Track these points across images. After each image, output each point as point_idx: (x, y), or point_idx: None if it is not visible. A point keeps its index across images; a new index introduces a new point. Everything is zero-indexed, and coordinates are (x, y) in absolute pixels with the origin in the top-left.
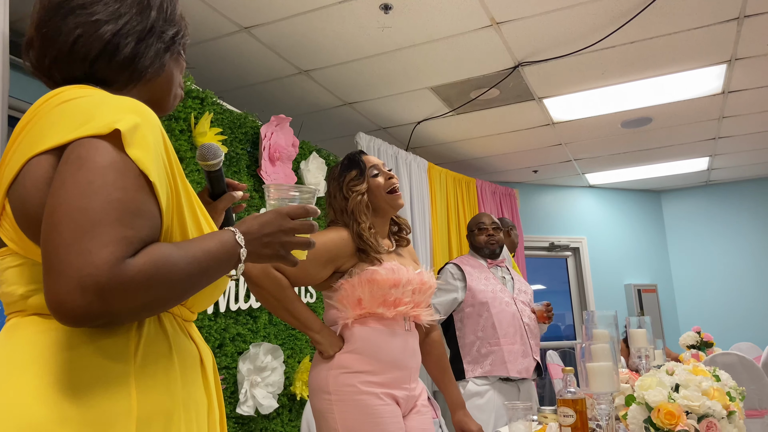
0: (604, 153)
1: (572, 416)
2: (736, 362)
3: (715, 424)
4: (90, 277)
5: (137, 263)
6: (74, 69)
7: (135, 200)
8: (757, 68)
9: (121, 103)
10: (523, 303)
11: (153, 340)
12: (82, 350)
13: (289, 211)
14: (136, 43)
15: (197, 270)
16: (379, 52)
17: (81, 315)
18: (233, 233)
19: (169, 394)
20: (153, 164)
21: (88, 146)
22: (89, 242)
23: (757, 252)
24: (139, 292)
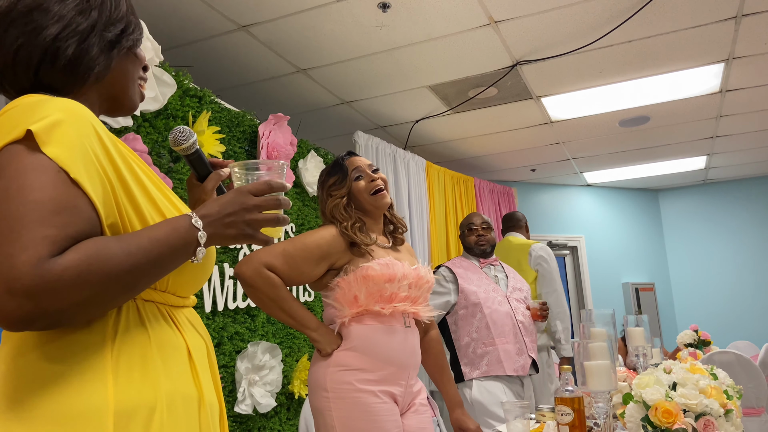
0: (601, 152)
1: (570, 414)
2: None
3: (712, 422)
4: (15, 281)
5: (64, 261)
6: (21, 79)
7: (55, 198)
8: (755, 67)
9: (49, 103)
10: (517, 301)
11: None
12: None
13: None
14: (78, 44)
15: (143, 260)
16: (377, 50)
17: (17, 319)
18: (189, 217)
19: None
20: (75, 160)
21: (7, 154)
22: (10, 247)
23: (754, 250)
24: (71, 289)
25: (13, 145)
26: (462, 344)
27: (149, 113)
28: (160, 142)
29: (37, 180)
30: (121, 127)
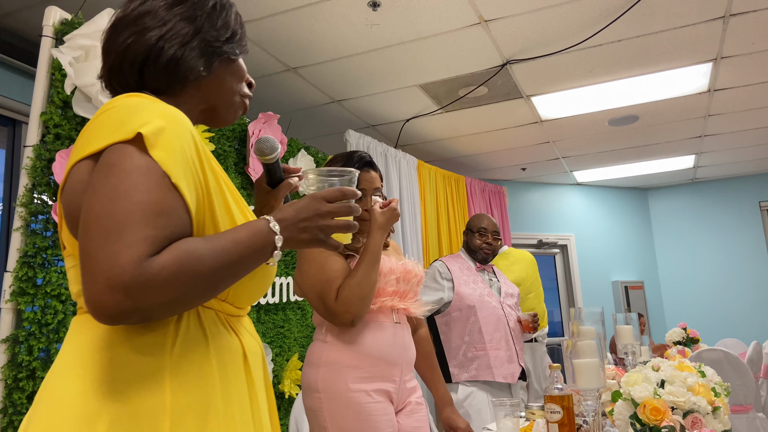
0: (591, 151)
1: (559, 412)
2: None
3: (700, 419)
4: (116, 277)
5: (161, 260)
6: (127, 77)
7: (158, 201)
8: (743, 67)
9: (153, 108)
10: (509, 307)
11: (190, 337)
12: (119, 349)
13: (325, 194)
14: (179, 46)
15: (227, 261)
16: (367, 49)
17: (113, 314)
18: (267, 221)
19: (205, 389)
20: (177, 166)
21: (116, 152)
22: (114, 244)
23: (742, 249)
24: (165, 288)
25: (122, 145)
26: (453, 346)
27: None
28: None
29: (144, 182)
30: None
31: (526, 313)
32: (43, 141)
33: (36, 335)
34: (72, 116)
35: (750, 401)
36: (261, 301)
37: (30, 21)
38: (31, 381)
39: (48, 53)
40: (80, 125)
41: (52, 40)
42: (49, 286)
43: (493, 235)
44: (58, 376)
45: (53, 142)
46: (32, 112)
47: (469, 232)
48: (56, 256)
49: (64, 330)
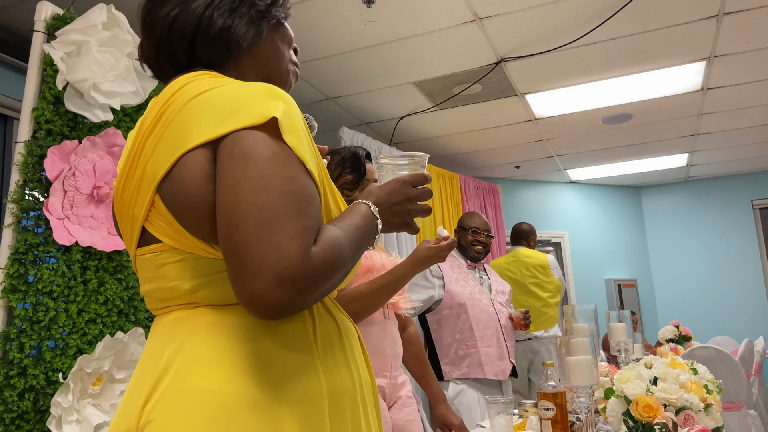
0: (585, 149)
1: (552, 410)
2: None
3: (692, 416)
4: (287, 270)
5: (320, 251)
6: (177, 53)
7: (304, 189)
8: (736, 65)
9: (261, 90)
10: (500, 305)
11: (325, 324)
12: (263, 341)
13: (411, 178)
14: (229, 13)
15: (355, 247)
16: (361, 46)
17: (281, 308)
18: (367, 205)
19: (347, 375)
20: (306, 150)
21: (248, 139)
22: (277, 236)
23: (734, 248)
24: (326, 279)
25: (251, 131)
26: (444, 344)
27: (130, 108)
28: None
29: (288, 170)
30: (101, 121)
31: (517, 310)
32: (35, 137)
33: (27, 332)
34: (64, 112)
35: (742, 398)
36: None
37: (21, 16)
38: (22, 378)
39: (40, 48)
40: (72, 121)
41: (44, 35)
42: (40, 283)
43: (485, 234)
44: (189, 358)
45: (45, 138)
46: (23, 107)
47: (461, 230)
48: (48, 252)
49: (55, 327)
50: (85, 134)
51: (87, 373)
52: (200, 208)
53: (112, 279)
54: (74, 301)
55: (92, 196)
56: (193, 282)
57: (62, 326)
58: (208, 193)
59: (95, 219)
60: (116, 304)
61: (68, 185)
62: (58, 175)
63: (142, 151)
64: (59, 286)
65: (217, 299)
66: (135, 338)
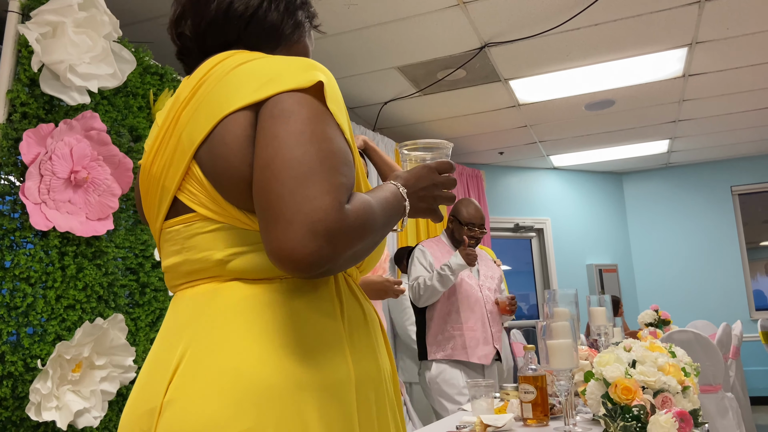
0: (568, 135)
1: (533, 392)
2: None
3: (670, 398)
4: (320, 222)
5: (354, 208)
6: (228, 32)
7: (342, 149)
8: (717, 52)
9: (304, 61)
10: (488, 290)
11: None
12: (298, 303)
13: (438, 165)
14: (285, 8)
15: (386, 218)
16: (345, 29)
17: (312, 261)
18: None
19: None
20: (345, 119)
21: (292, 99)
22: (312, 189)
23: (713, 233)
24: (357, 237)
25: (298, 93)
26: (432, 324)
27: (107, 90)
28: (119, 121)
29: (327, 130)
30: (78, 104)
31: (504, 295)
32: (10, 120)
33: (5, 318)
34: (39, 94)
35: (719, 381)
36: None
37: None
38: (0, 365)
39: (14, 29)
40: (48, 103)
41: (19, 15)
42: (17, 269)
43: (480, 229)
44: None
45: (20, 120)
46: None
47: (456, 222)
48: (24, 238)
49: (33, 313)
50: (61, 117)
51: (66, 359)
52: (240, 172)
53: (91, 265)
54: (52, 287)
55: (69, 180)
56: (225, 252)
57: (40, 312)
58: (248, 155)
59: (73, 204)
60: (95, 290)
61: (45, 169)
62: (34, 158)
63: (176, 123)
64: (37, 272)
65: (248, 272)
66: (115, 324)
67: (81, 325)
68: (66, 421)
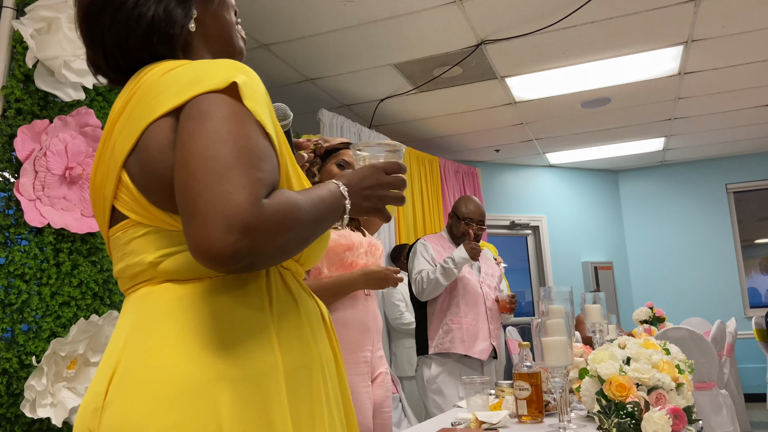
0: (564, 133)
1: (528, 389)
2: (686, 336)
3: (664, 395)
4: (236, 216)
5: (273, 203)
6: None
7: (259, 146)
8: (712, 50)
9: (225, 63)
10: (488, 287)
11: (281, 297)
12: (222, 298)
13: (385, 166)
14: (155, 3)
15: (318, 215)
16: (341, 26)
17: (229, 255)
18: (337, 185)
19: (305, 350)
20: (266, 116)
21: (207, 101)
22: (227, 185)
23: (708, 231)
24: (278, 232)
25: (214, 94)
26: (434, 318)
27: (102, 87)
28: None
29: (243, 127)
30: (73, 100)
31: (504, 294)
32: (4, 116)
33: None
34: (34, 90)
35: (713, 378)
36: None
37: None
38: None
39: (9, 25)
40: (42, 100)
41: (13, 11)
42: (12, 266)
43: (478, 225)
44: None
45: (15, 117)
46: None
47: (455, 217)
48: (19, 234)
49: (28, 310)
50: (56, 113)
51: (61, 356)
52: (163, 176)
53: (86, 261)
54: (47, 284)
55: (64, 176)
56: (155, 254)
57: (35, 309)
58: (171, 160)
59: (68, 200)
60: (90, 287)
61: (39, 166)
62: (29, 155)
63: (111, 134)
64: (31, 268)
65: (179, 273)
66: (110, 321)
67: (76, 322)
68: (61, 418)
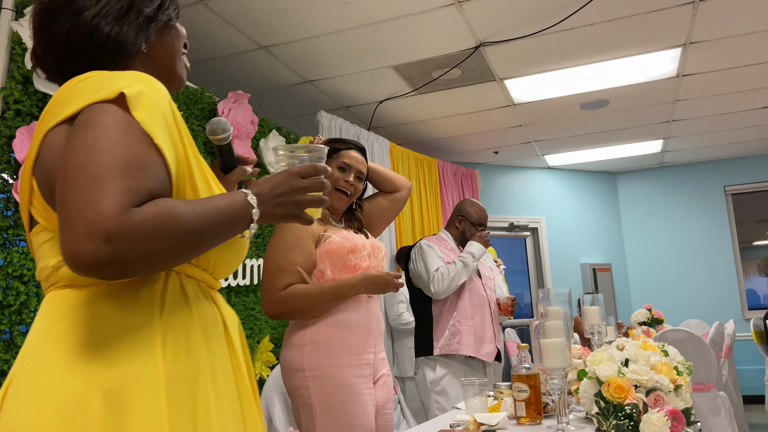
0: (562, 135)
1: (526, 391)
2: (684, 338)
3: (662, 397)
4: (97, 224)
5: (142, 212)
6: (75, 62)
7: (139, 155)
8: (711, 52)
9: (130, 74)
10: (490, 290)
11: (176, 304)
12: (101, 305)
13: (299, 170)
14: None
15: (207, 224)
16: (340, 28)
17: (91, 262)
18: (245, 194)
19: (194, 358)
20: (158, 127)
21: (95, 110)
22: (94, 193)
23: (706, 233)
24: (145, 240)
25: (103, 104)
26: (440, 319)
27: None
28: None
29: (125, 137)
30: None
31: (505, 297)
32: (3, 117)
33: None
34: (33, 92)
35: (711, 380)
36: (231, 283)
37: None
38: None
39: (8, 26)
40: (42, 101)
41: (13, 12)
42: (10, 267)
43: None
44: (33, 345)
45: (13, 118)
46: None
47: (467, 222)
48: (18, 236)
49: (26, 311)
50: None
51: None
52: (54, 183)
53: None
54: None
55: None
56: (56, 259)
57: (33, 311)
58: None
59: None
60: None
61: None
62: None
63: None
64: (30, 270)
65: (76, 278)
66: None
67: None
68: None
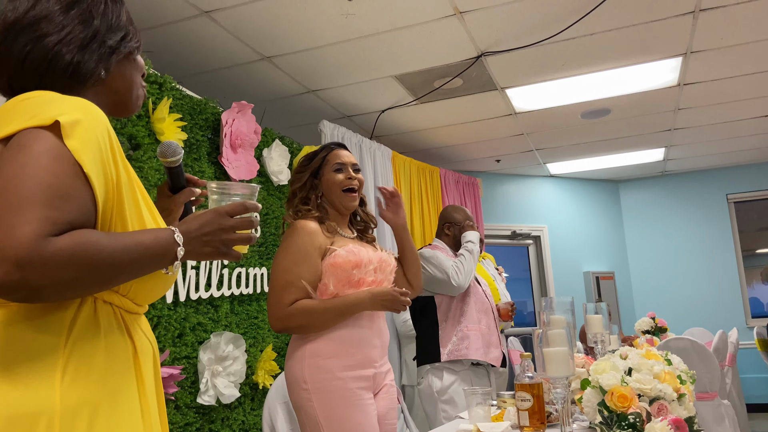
0: (564, 143)
1: (529, 400)
2: (688, 347)
3: (665, 406)
4: (9, 249)
5: (59, 242)
6: (27, 82)
7: (65, 185)
8: (711, 61)
9: (70, 101)
10: (489, 296)
11: (85, 328)
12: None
13: (228, 209)
14: (79, 50)
15: (126, 258)
16: (342, 39)
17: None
18: (172, 232)
19: (95, 385)
20: (90, 157)
21: (29, 135)
22: (13, 219)
23: (709, 241)
24: (58, 269)
25: (37, 130)
26: (447, 325)
27: None
28: (118, 129)
29: (53, 165)
30: None
31: (504, 302)
32: None
33: None
34: None
35: (715, 389)
36: (235, 292)
37: None
38: None
39: None
40: None
41: None
42: None
43: None
44: None
45: None
46: None
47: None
48: None
49: None
50: None
51: None
52: None
53: None
54: None
55: None
56: None
57: None
58: None
59: None
60: None
61: None
62: None
63: None
64: None
65: None
66: None
67: None
68: None
